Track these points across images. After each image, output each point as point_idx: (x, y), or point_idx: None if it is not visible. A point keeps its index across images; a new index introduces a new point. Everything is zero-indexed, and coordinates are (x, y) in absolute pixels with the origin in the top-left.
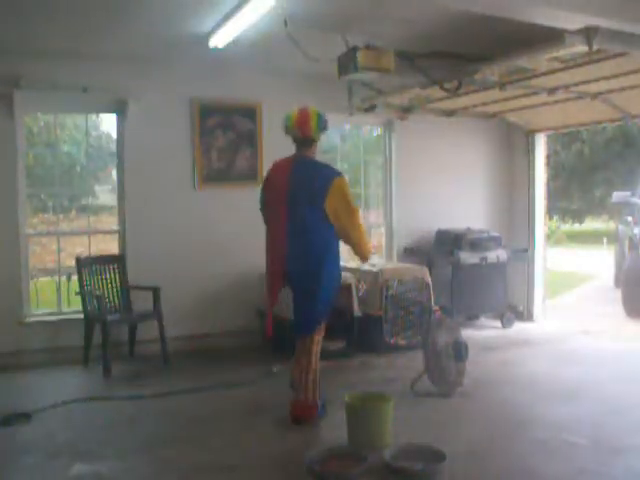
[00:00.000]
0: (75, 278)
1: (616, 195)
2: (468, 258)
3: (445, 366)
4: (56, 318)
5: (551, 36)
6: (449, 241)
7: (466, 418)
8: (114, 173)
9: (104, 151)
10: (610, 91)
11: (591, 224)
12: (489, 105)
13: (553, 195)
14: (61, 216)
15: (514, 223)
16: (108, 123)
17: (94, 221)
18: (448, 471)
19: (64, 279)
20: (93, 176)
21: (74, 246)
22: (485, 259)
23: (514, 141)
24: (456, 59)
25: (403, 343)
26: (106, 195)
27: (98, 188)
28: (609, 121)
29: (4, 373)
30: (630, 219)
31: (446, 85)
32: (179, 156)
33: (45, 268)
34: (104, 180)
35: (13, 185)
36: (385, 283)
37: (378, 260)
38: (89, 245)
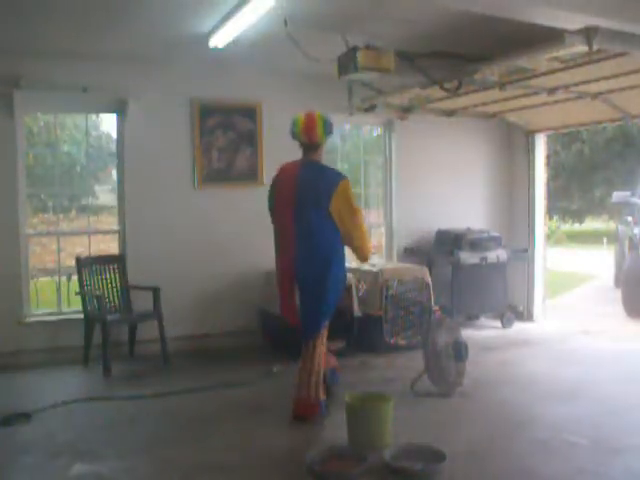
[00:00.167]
0: (75, 278)
1: (616, 195)
2: (468, 258)
3: (445, 366)
4: (56, 318)
5: (551, 36)
6: (449, 241)
7: (466, 418)
8: (114, 173)
9: (104, 151)
10: (610, 91)
11: (591, 224)
12: (489, 105)
13: (553, 195)
14: (61, 216)
15: (514, 223)
16: (108, 123)
17: (94, 221)
18: (448, 471)
19: (64, 279)
20: (93, 176)
21: (74, 246)
22: (485, 259)
23: (514, 141)
24: (456, 59)
25: (403, 343)
26: (106, 195)
27: (98, 188)
28: (609, 121)
29: (4, 373)
30: (630, 219)
31: (446, 85)
32: (179, 156)
33: (45, 268)
34: (104, 180)
35: (13, 185)
36: (385, 283)
37: (378, 260)
38: (89, 245)
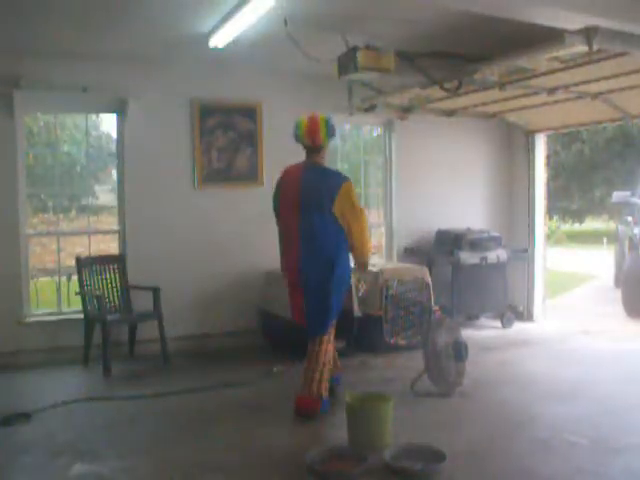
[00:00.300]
0: (75, 278)
1: (616, 195)
2: (468, 258)
3: (445, 366)
4: (56, 318)
5: (551, 36)
6: (449, 241)
7: (466, 418)
8: (114, 173)
9: (104, 151)
10: (610, 91)
11: (591, 224)
12: (489, 105)
13: (553, 195)
14: (61, 216)
15: (514, 223)
16: (108, 123)
17: (94, 221)
18: (448, 471)
19: (64, 279)
20: (93, 176)
21: (74, 246)
22: (485, 259)
23: (514, 141)
24: (456, 59)
25: (403, 343)
26: (106, 195)
27: (98, 188)
28: (609, 121)
29: (4, 373)
30: (630, 219)
31: (446, 85)
32: (179, 156)
33: (45, 268)
34: (104, 180)
35: (13, 185)
36: (385, 283)
37: (378, 260)
38: (89, 245)
